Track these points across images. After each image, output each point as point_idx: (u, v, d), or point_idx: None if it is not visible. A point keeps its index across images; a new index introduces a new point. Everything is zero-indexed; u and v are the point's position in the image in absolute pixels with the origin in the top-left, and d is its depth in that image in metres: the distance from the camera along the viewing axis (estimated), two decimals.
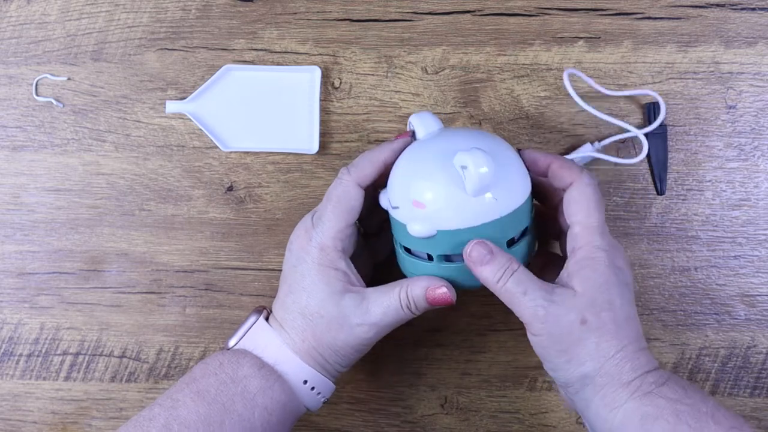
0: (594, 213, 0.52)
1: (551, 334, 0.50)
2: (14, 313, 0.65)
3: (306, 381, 0.54)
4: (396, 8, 0.64)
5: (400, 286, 0.53)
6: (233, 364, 0.53)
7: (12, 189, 0.65)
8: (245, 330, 0.55)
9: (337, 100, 0.64)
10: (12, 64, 0.65)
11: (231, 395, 0.51)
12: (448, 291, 0.52)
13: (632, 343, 0.50)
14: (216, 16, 0.65)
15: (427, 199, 0.51)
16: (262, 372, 0.53)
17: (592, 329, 0.49)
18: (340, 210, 0.53)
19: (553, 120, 0.64)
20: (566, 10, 0.64)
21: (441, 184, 0.51)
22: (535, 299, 0.50)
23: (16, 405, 0.65)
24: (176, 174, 0.65)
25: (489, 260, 0.50)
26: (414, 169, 0.52)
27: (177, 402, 0.51)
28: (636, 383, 0.49)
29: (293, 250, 0.55)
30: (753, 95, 0.64)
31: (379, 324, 0.53)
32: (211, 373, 0.53)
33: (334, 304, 0.53)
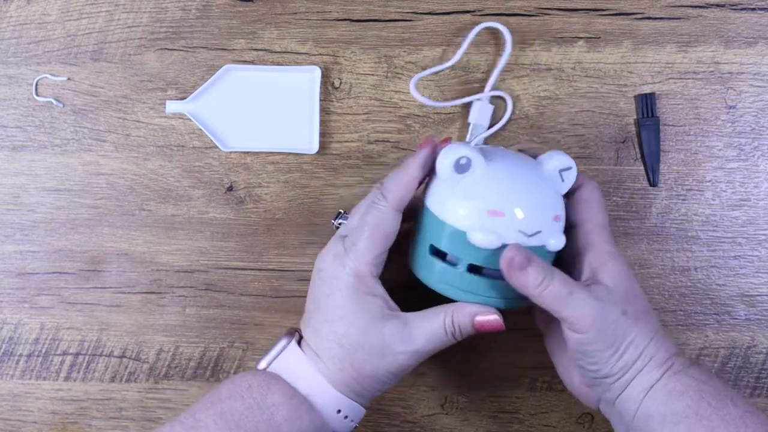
0: (604, 212, 0.55)
1: (601, 331, 0.50)
2: (14, 313, 0.65)
3: (340, 410, 0.53)
4: (396, 8, 0.64)
5: (444, 313, 0.52)
6: (262, 389, 0.51)
7: (12, 189, 0.65)
8: (276, 353, 0.54)
9: (337, 100, 0.64)
10: (12, 64, 0.65)
11: (255, 422, 0.50)
12: (499, 318, 0.52)
13: (660, 328, 0.53)
14: (216, 16, 0.65)
15: (507, 209, 0.51)
16: (292, 402, 0.51)
17: (631, 319, 0.51)
18: (377, 237, 0.52)
19: (553, 120, 0.64)
20: (566, 10, 0.64)
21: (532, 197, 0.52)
22: (583, 299, 0.50)
23: (16, 405, 0.65)
24: (176, 174, 0.65)
25: (527, 265, 0.50)
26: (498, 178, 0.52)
27: (199, 422, 0.50)
28: (669, 362, 0.51)
29: (324, 278, 0.53)
30: (753, 95, 0.64)
31: (422, 351, 0.52)
32: (238, 395, 0.51)
33: (377, 331, 0.52)
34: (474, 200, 0.51)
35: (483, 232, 0.50)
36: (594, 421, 0.64)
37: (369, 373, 0.52)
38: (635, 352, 0.51)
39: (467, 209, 0.51)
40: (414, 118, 0.64)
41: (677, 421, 0.49)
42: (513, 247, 0.50)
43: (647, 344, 0.51)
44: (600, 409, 0.55)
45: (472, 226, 0.51)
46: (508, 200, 0.51)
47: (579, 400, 0.56)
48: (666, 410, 0.50)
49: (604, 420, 0.64)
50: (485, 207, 0.51)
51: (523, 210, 0.51)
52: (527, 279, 0.50)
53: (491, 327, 0.52)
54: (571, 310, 0.50)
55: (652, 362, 0.51)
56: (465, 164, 0.51)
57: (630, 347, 0.51)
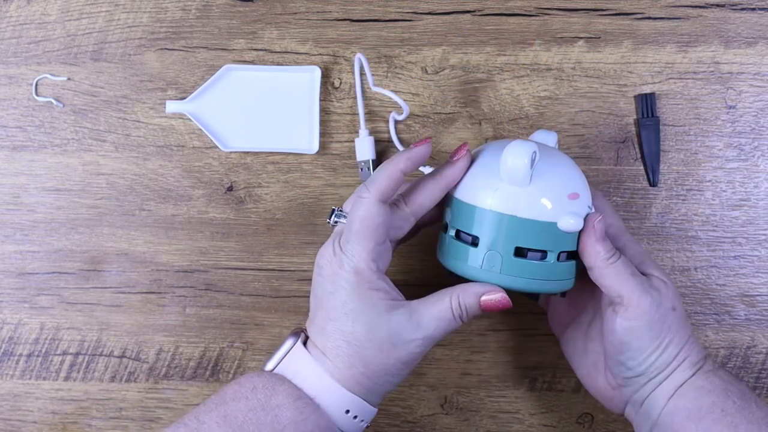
0: (618, 218, 0.57)
1: (651, 320, 0.52)
2: (14, 313, 0.65)
3: (348, 411, 0.52)
4: (396, 8, 0.64)
5: (449, 296, 0.52)
6: (267, 390, 0.50)
7: (12, 189, 0.65)
8: (282, 354, 0.53)
9: (337, 100, 0.64)
10: (12, 64, 0.65)
11: (259, 424, 0.49)
12: (505, 296, 0.52)
13: (693, 332, 0.54)
14: (216, 16, 0.65)
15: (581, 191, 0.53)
16: (297, 403, 0.50)
17: (678, 317, 0.53)
18: (365, 231, 0.51)
19: (553, 120, 0.64)
20: (566, 10, 0.64)
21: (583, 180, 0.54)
22: (643, 283, 0.52)
23: (16, 405, 0.65)
24: (176, 174, 0.65)
25: (605, 238, 0.52)
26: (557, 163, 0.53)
27: (202, 425, 0.49)
28: (701, 362, 0.53)
29: (325, 275, 0.53)
30: (753, 95, 0.64)
31: (432, 336, 0.52)
32: (242, 396, 0.50)
33: (383, 324, 0.51)
34: (553, 189, 0.52)
35: (572, 216, 0.52)
36: (594, 421, 0.64)
37: (379, 367, 0.51)
38: (674, 350, 0.52)
39: (549, 200, 0.52)
40: (414, 118, 0.64)
41: (702, 416, 0.50)
42: (596, 216, 0.52)
43: (685, 343, 0.53)
44: (625, 413, 0.55)
45: (560, 214, 0.52)
46: (576, 182, 0.53)
47: (603, 404, 0.56)
48: (693, 405, 0.51)
49: (604, 420, 0.64)
50: (565, 192, 0.52)
51: (585, 188, 0.54)
52: (601, 247, 0.52)
53: (498, 305, 0.52)
54: (629, 291, 0.51)
55: (687, 362, 0.52)
56: (534, 158, 0.52)
57: (670, 345, 0.52)
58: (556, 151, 0.55)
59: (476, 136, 0.64)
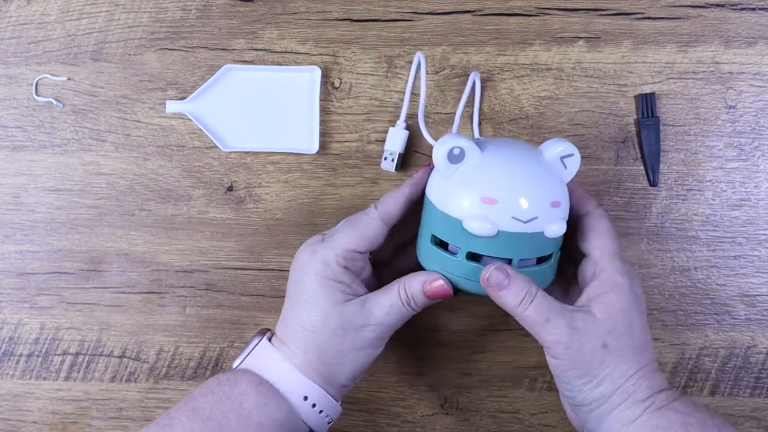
0: (614, 240, 0.54)
1: (573, 359, 0.51)
2: (14, 313, 0.65)
3: (306, 397, 0.53)
4: (396, 8, 0.64)
5: (398, 284, 0.54)
6: (231, 382, 0.53)
7: (12, 189, 0.65)
8: (248, 351, 0.55)
9: (337, 100, 0.64)
10: (12, 64, 0.65)
11: (225, 412, 0.51)
12: (444, 283, 0.53)
13: (649, 365, 0.52)
14: (216, 16, 0.65)
15: (500, 195, 0.51)
16: (258, 389, 0.52)
17: (612, 353, 0.51)
18: (355, 233, 0.54)
19: (553, 120, 0.64)
20: (566, 10, 0.64)
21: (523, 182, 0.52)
22: (558, 326, 0.51)
23: (16, 405, 0.65)
24: (176, 174, 0.65)
25: (507, 285, 0.51)
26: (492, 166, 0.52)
27: (173, 420, 0.52)
28: (650, 400, 0.51)
29: (296, 266, 0.55)
30: (753, 95, 0.64)
31: (383, 323, 0.53)
32: (208, 391, 0.53)
33: (337, 313, 0.53)
34: (468, 189, 0.52)
35: (478, 220, 0.51)
36: None
37: (333, 352, 0.53)
38: (611, 386, 0.51)
39: (462, 198, 0.52)
40: (414, 118, 0.64)
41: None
42: (494, 266, 0.51)
43: (626, 380, 0.51)
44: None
45: (467, 215, 0.51)
46: (501, 187, 0.51)
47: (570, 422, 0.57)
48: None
49: None
50: (479, 195, 0.51)
51: (516, 196, 0.51)
52: (506, 299, 0.51)
53: (438, 292, 0.53)
54: (546, 335, 0.51)
55: (631, 399, 0.51)
56: (458, 154, 0.52)
57: (606, 380, 0.51)
58: (524, 156, 0.53)
59: (476, 136, 0.64)
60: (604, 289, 0.52)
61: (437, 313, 0.64)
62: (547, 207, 0.52)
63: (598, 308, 0.52)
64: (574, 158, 0.53)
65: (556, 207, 0.52)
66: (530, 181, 0.52)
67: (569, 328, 0.50)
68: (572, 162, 0.53)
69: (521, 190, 0.51)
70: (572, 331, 0.50)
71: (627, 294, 0.52)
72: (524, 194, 0.51)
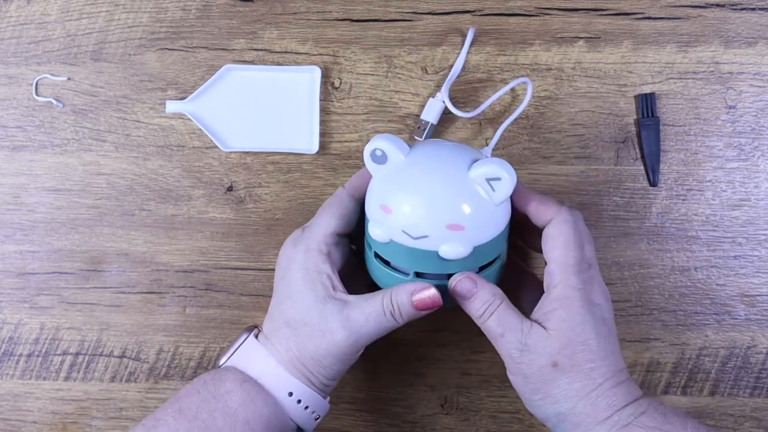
0: (571, 250, 0.51)
1: (525, 375, 0.51)
2: (14, 313, 0.65)
3: (291, 393, 0.53)
4: (396, 8, 0.64)
5: (383, 293, 0.53)
6: (216, 381, 0.53)
7: (12, 189, 0.65)
8: (235, 348, 0.55)
9: (337, 100, 0.64)
10: (12, 64, 0.65)
11: (211, 411, 0.51)
12: (436, 293, 0.52)
13: (609, 380, 0.50)
14: (216, 16, 0.65)
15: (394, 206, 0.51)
16: (243, 386, 0.52)
17: (564, 371, 0.50)
18: (329, 214, 0.55)
19: (553, 120, 0.64)
20: (566, 10, 0.64)
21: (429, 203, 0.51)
22: (511, 342, 0.51)
23: (16, 405, 0.65)
24: (176, 174, 0.65)
25: (473, 295, 0.52)
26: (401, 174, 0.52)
27: (159, 422, 0.51)
28: (614, 418, 0.49)
29: (281, 263, 0.56)
30: (753, 95, 0.64)
31: (359, 332, 0.52)
32: (194, 391, 0.53)
33: (318, 311, 0.52)
34: (375, 192, 0.52)
35: (375, 224, 0.52)
36: None
37: (310, 353, 0.53)
38: (567, 404, 0.50)
39: (370, 200, 0.53)
40: (414, 118, 0.64)
41: None
42: (461, 275, 0.52)
43: (581, 399, 0.50)
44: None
45: (370, 217, 0.52)
46: (396, 198, 0.51)
47: None
48: None
49: None
50: (378, 201, 0.52)
51: (408, 210, 0.50)
52: (469, 308, 0.52)
53: (429, 303, 0.52)
54: (500, 350, 0.52)
55: (591, 419, 0.50)
56: (381, 156, 0.52)
57: (560, 399, 0.50)
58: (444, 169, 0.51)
59: (476, 136, 0.64)
60: (555, 305, 0.51)
61: (437, 313, 0.64)
62: (443, 228, 0.50)
63: (551, 324, 0.51)
64: (503, 182, 0.50)
65: (456, 230, 0.50)
66: (428, 199, 0.50)
67: (520, 344, 0.50)
68: (501, 185, 0.50)
69: (414, 205, 0.50)
70: (523, 348, 0.50)
71: (579, 308, 0.50)
72: (416, 210, 0.50)
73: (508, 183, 0.50)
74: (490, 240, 0.52)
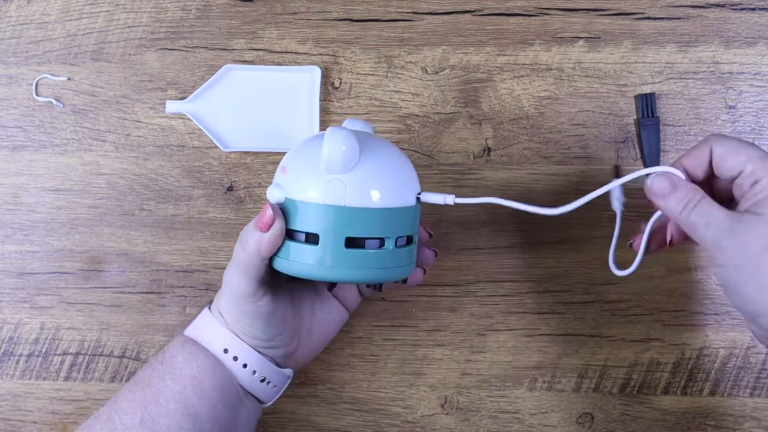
0: (754, 147, 0.50)
1: (737, 265, 0.48)
2: (14, 313, 0.65)
3: (227, 350, 0.54)
4: (396, 8, 0.64)
5: None
6: (162, 351, 0.56)
7: (12, 189, 0.65)
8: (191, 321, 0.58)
9: (337, 100, 0.64)
10: (12, 64, 0.65)
11: (161, 375, 0.54)
12: (271, 212, 0.50)
13: None
14: (216, 16, 0.65)
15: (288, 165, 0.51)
16: (184, 347, 0.55)
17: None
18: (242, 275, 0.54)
19: (553, 120, 0.64)
20: (566, 10, 0.64)
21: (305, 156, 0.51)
22: (719, 230, 0.49)
23: (16, 405, 0.65)
24: (176, 174, 0.65)
25: (671, 192, 0.51)
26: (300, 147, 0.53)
27: (118, 397, 0.55)
28: None
29: None
30: (753, 95, 0.64)
31: (239, 269, 0.52)
32: (146, 365, 0.56)
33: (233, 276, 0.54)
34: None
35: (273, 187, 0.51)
36: (594, 421, 0.64)
37: (224, 307, 0.55)
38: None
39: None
40: (414, 118, 0.64)
41: None
42: (658, 173, 0.51)
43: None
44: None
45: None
46: (402, 166, 0.52)
47: None
48: None
49: (604, 420, 0.64)
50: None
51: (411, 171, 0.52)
52: (671, 204, 0.50)
53: (267, 220, 0.50)
54: (707, 241, 0.49)
55: None
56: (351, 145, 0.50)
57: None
58: (376, 137, 0.53)
59: (476, 136, 0.64)
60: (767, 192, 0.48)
61: (437, 314, 0.64)
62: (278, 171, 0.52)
63: (763, 208, 0.48)
64: None
65: (282, 173, 0.51)
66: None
67: (729, 232, 0.48)
68: None
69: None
70: (733, 235, 0.48)
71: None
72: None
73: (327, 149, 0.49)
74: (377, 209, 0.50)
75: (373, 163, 0.50)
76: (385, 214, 0.50)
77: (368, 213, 0.50)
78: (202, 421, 0.53)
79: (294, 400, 0.63)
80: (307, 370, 0.63)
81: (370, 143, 0.51)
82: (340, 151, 0.49)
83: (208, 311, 0.56)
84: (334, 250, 0.50)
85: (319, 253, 0.50)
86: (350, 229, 0.50)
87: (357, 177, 0.49)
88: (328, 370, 0.64)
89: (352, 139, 0.49)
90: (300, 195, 0.50)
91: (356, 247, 0.50)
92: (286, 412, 0.64)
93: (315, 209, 0.49)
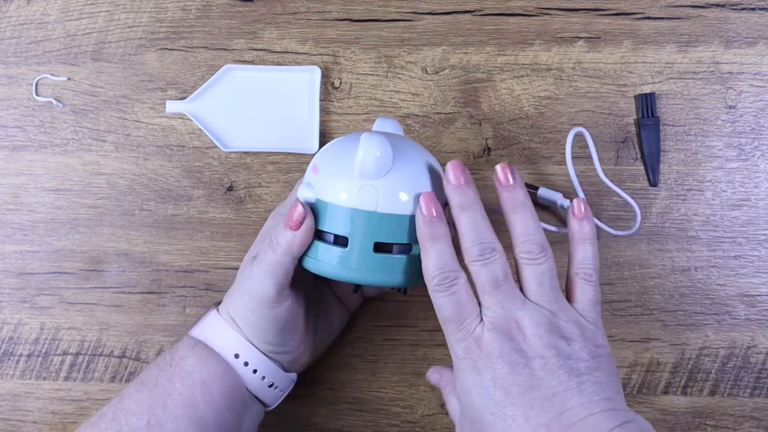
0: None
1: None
2: (14, 313, 0.65)
3: (238, 355, 0.54)
4: (396, 8, 0.64)
5: None
6: (171, 351, 0.55)
7: (12, 189, 0.65)
8: (197, 322, 0.57)
9: (337, 100, 0.64)
10: (12, 64, 0.65)
11: (170, 377, 0.53)
12: (302, 209, 0.50)
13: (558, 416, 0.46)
14: (216, 16, 0.65)
15: (320, 166, 0.51)
16: (195, 350, 0.54)
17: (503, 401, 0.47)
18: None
19: (553, 120, 0.64)
20: (566, 10, 0.64)
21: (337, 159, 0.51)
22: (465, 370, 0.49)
23: (16, 405, 0.65)
24: (176, 174, 0.65)
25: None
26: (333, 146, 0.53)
27: (123, 396, 0.54)
28: None
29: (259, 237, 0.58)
30: (753, 95, 0.64)
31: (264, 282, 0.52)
32: (153, 365, 0.55)
33: (243, 271, 0.54)
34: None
35: (304, 186, 0.51)
36: None
37: (239, 312, 0.54)
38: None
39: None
40: (414, 118, 0.64)
41: None
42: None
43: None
44: None
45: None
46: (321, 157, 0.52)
47: None
48: None
49: None
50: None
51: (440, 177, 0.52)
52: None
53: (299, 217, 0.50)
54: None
55: None
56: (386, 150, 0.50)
57: None
58: (406, 140, 0.53)
59: (476, 136, 0.64)
60: None
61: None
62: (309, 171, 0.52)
63: None
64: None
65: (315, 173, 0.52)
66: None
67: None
68: None
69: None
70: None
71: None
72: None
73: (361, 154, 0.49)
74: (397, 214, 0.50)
75: (405, 169, 0.50)
76: (413, 222, 0.50)
77: (398, 219, 0.50)
78: (207, 426, 0.53)
79: (294, 400, 0.63)
80: (307, 370, 0.63)
81: (402, 148, 0.51)
82: (374, 157, 0.49)
83: (217, 314, 0.56)
84: (362, 253, 0.50)
85: (347, 255, 0.50)
86: (379, 235, 0.50)
87: (389, 184, 0.50)
88: (329, 370, 0.64)
89: (387, 146, 0.49)
90: (331, 197, 0.50)
91: (384, 251, 0.51)
92: (286, 413, 0.64)
93: (345, 213, 0.50)
